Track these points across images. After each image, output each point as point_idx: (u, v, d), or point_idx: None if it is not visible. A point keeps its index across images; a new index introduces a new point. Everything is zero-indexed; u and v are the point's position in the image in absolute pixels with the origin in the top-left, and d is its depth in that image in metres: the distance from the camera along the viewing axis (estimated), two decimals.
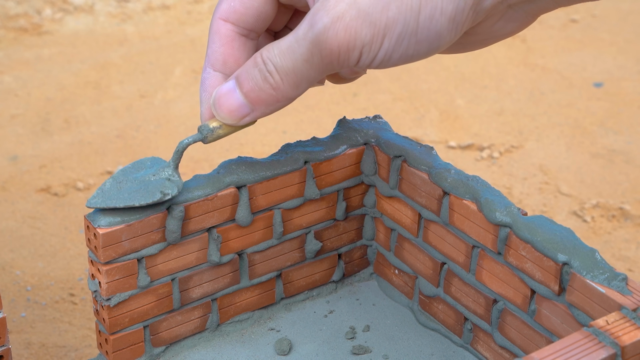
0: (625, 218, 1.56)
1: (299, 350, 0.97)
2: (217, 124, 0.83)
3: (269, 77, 0.77)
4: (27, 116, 1.85)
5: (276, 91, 0.78)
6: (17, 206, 1.57)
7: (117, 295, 0.90)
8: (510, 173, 1.69)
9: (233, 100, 0.80)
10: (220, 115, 0.81)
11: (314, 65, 0.75)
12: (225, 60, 0.83)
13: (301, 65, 0.76)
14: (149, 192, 0.86)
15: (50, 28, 2.23)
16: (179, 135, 1.79)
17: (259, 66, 0.77)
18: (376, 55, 0.74)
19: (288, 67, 0.76)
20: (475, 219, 0.91)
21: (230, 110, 0.80)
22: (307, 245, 1.01)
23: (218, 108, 0.81)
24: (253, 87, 0.78)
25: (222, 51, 0.83)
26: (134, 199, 0.85)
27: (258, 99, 0.79)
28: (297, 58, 0.75)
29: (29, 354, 1.27)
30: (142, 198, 0.85)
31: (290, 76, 0.76)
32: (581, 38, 2.20)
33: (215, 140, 0.83)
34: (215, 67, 0.83)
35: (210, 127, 0.83)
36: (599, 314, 0.80)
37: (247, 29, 0.83)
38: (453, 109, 1.90)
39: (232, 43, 0.83)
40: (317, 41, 0.74)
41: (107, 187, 0.87)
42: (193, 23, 2.29)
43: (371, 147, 1.00)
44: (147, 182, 0.87)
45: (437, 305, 0.99)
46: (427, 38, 0.74)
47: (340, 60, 0.75)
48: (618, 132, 1.82)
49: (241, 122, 0.81)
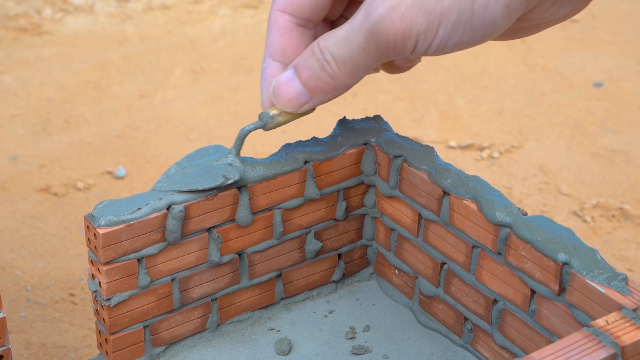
0: (625, 218, 1.56)
1: (299, 350, 0.97)
2: (277, 111, 0.85)
3: (327, 66, 0.79)
4: (27, 116, 1.85)
5: (334, 79, 0.79)
6: (17, 206, 1.57)
7: (117, 295, 0.90)
8: (510, 173, 1.69)
9: (292, 89, 0.82)
10: (279, 104, 0.83)
11: (370, 54, 0.77)
12: (284, 50, 0.85)
13: (358, 54, 0.77)
14: (212, 177, 0.89)
15: (50, 28, 2.23)
16: (179, 135, 1.79)
17: (317, 55, 0.79)
18: (431, 43, 0.75)
19: (345, 56, 0.78)
20: (475, 219, 0.91)
21: (289, 99, 0.82)
22: (307, 245, 1.01)
23: (277, 96, 0.83)
24: (311, 75, 0.80)
25: (280, 41, 0.85)
26: (197, 183, 0.89)
27: (316, 88, 0.81)
28: (353, 47, 0.77)
29: (29, 354, 1.27)
30: (206, 182, 0.89)
31: (347, 65, 0.78)
32: (581, 38, 2.20)
33: (275, 127, 0.85)
34: (274, 57, 0.85)
35: (270, 115, 0.85)
36: (599, 314, 0.80)
37: (304, 19, 0.85)
38: (453, 109, 1.90)
39: (290, 33, 0.85)
40: (374, 30, 0.75)
41: (172, 172, 0.90)
42: (193, 23, 2.29)
43: (371, 147, 1.00)
44: (210, 167, 0.90)
45: (437, 305, 0.99)
46: (482, 25, 0.75)
47: (396, 49, 0.76)
48: (618, 132, 1.82)
49: (300, 110, 0.84)
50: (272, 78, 0.85)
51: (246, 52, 2.14)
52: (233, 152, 0.90)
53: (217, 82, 2.00)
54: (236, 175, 0.90)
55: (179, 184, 0.89)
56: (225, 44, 2.18)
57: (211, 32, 2.24)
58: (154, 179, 1.65)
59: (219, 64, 2.08)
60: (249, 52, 2.14)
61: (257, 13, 2.35)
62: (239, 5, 2.38)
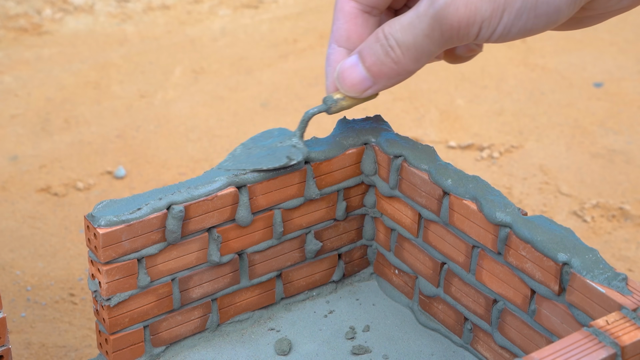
0: (625, 218, 1.56)
1: (299, 350, 0.97)
2: (341, 95, 0.86)
3: (391, 51, 0.80)
4: (27, 116, 1.85)
5: (397, 65, 0.81)
6: (17, 206, 1.57)
7: (117, 295, 0.90)
8: (510, 173, 1.69)
9: (356, 74, 0.83)
10: (343, 88, 0.85)
11: (434, 40, 0.78)
12: (349, 36, 0.86)
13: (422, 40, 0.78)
14: (276, 157, 0.91)
15: (50, 28, 2.23)
16: (179, 135, 1.79)
17: (381, 41, 0.80)
18: (495, 29, 0.76)
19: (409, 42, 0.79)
20: (475, 219, 0.91)
21: (353, 84, 0.84)
22: (307, 245, 1.01)
23: (342, 81, 0.84)
24: (375, 61, 0.81)
25: (345, 27, 0.86)
26: (262, 163, 0.91)
27: (380, 73, 0.82)
28: (417, 33, 0.78)
29: (29, 354, 1.26)
30: (270, 162, 0.91)
31: (411, 51, 0.79)
32: (581, 38, 2.20)
33: (339, 111, 0.87)
34: (339, 43, 0.87)
35: (334, 99, 0.86)
36: (599, 314, 0.80)
37: (369, 5, 0.86)
38: (453, 109, 1.90)
39: (355, 20, 0.86)
40: (438, 17, 0.76)
41: (238, 152, 0.93)
42: (193, 23, 2.29)
43: (371, 147, 1.00)
44: (275, 149, 0.92)
45: (437, 305, 0.99)
46: (546, 12, 0.76)
47: (460, 35, 0.77)
48: (618, 132, 1.82)
49: (363, 95, 0.85)
50: (337, 63, 0.86)
51: (246, 52, 2.14)
52: (297, 135, 0.92)
53: (217, 82, 2.00)
54: (299, 156, 0.92)
55: (244, 163, 0.92)
56: (225, 44, 2.18)
57: (211, 32, 2.24)
58: (154, 179, 1.65)
59: (219, 64, 2.08)
60: (249, 52, 2.14)
61: (257, 13, 2.35)
62: (239, 5, 2.38)
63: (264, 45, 2.18)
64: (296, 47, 2.17)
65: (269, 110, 1.89)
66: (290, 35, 2.23)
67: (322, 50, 2.15)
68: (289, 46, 2.18)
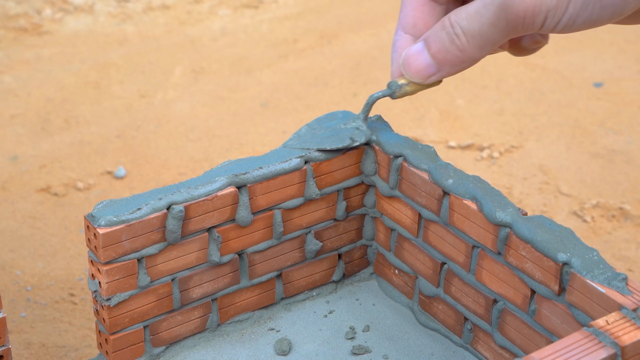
0: (625, 218, 1.56)
1: (299, 350, 0.97)
2: (405, 81, 0.88)
3: (456, 39, 0.81)
4: (27, 116, 1.85)
5: (462, 52, 0.82)
6: (17, 206, 1.57)
7: (117, 295, 0.90)
8: (510, 173, 1.69)
9: (421, 60, 0.84)
10: (408, 74, 0.86)
11: (499, 29, 0.79)
12: (415, 23, 0.87)
13: (487, 28, 0.79)
14: (339, 138, 0.94)
15: (50, 28, 2.23)
16: (179, 135, 1.79)
17: (447, 29, 0.81)
18: (560, 19, 0.77)
19: (474, 30, 0.80)
20: (475, 219, 0.91)
21: (418, 70, 0.85)
22: (307, 245, 1.01)
23: (407, 67, 0.86)
24: (440, 48, 0.82)
25: (412, 15, 0.88)
26: (325, 143, 0.94)
27: (444, 60, 0.83)
28: (483, 22, 0.79)
29: (29, 354, 1.26)
30: (333, 143, 0.95)
31: (476, 39, 0.80)
32: (581, 38, 2.20)
33: (402, 96, 0.88)
34: (405, 30, 0.88)
35: (398, 84, 0.88)
36: (599, 314, 0.80)
37: None
38: (453, 109, 1.90)
39: (422, 7, 0.87)
40: (504, 5, 0.77)
41: (303, 132, 0.97)
42: (193, 23, 2.29)
43: (371, 147, 1.00)
44: (339, 130, 0.95)
45: (437, 305, 0.99)
46: (612, 3, 0.76)
47: (525, 24, 0.77)
48: (618, 132, 1.82)
49: (427, 81, 0.86)
50: (403, 50, 0.88)
51: (246, 52, 2.14)
52: (361, 117, 0.95)
53: (217, 82, 2.00)
54: (362, 138, 0.95)
55: (308, 143, 0.95)
56: (225, 44, 2.18)
57: (211, 32, 2.24)
58: (154, 179, 1.65)
59: (219, 64, 2.08)
60: (249, 52, 2.14)
61: (257, 13, 2.35)
62: (239, 5, 2.38)
63: (264, 45, 2.18)
64: (296, 47, 2.17)
65: (269, 110, 1.89)
66: (290, 35, 2.23)
67: (322, 50, 2.15)
68: (289, 46, 2.18)
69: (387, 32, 2.25)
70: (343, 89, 1.97)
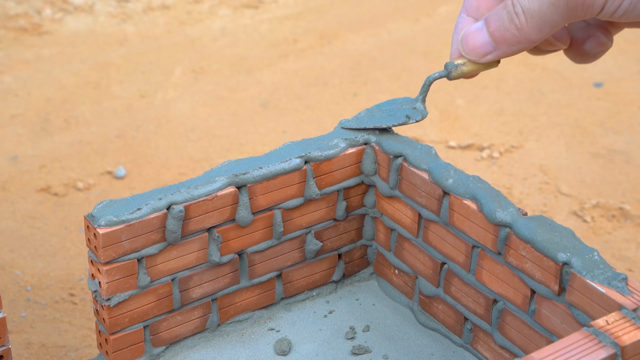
0: (625, 218, 1.56)
1: (299, 350, 0.97)
2: (462, 61, 0.89)
3: (515, 18, 0.82)
4: (27, 116, 1.85)
5: (519, 32, 0.82)
6: (17, 206, 1.57)
7: (117, 295, 0.90)
8: (510, 173, 1.69)
9: (479, 38, 0.86)
10: (464, 51, 0.87)
11: (559, 9, 0.79)
12: (479, 6, 0.88)
13: (547, 8, 0.80)
14: (395, 117, 0.98)
15: (50, 28, 2.23)
16: (179, 135, 1.79)
17: (508, 7, 0.82)
18: (620, 5, 0.77)
19: (534, 10, 0.80)
20: (475, 219, 0.91)
21: (474, 47, 0.86)
22: (307, 245, 1.01)
23: (464, 44, 0.87)
24: (499, 26, 0.83)
25: None
26: (382, 121, 0.98)
27: (502, 38, 0.84)
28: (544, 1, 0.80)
29: (29, 354, 1.26)
30: (390, 121, 0.98)
31: (535, 18, 0.81)
32: None
33: (459, 77, 0.89)
34: (468, 13, 0.89)
35: (455, 64, 0.89)
36: (599, 314, 0.80)
37: None
38: (453, 109, 1.90)
39: None
40: None
41: (362, 115, 1.01)
42: (193, 23, 2.29)
43: (371, 147, 1.00)
44: (396, 111, 0.98)
45: (437, 305, 0.99)
46: None
47: (585, 6, 0.78)
48: (618, 132, 1.82)
49: (483, 60, 0.87)
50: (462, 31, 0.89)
51: (246, 52, 2.14)
52: (419, 99, 0.96)
53: (217, 82, 2.00)
54: (418, 116, 0.96)
55: (366, 123, 0.99)
56: (225, 44, 2.18)
57: (211, 32, 2.24)
58: (154, 179, 1.65)
59: (219, 64, 2.08)
60: (249, 52, 2.14)
61: (257, 13, 2.35)
62: (239, 5, 2.38)
63: (264, 45, 2.18)
64: (296, 47, 2.17)
65: (269, 110, 1.89)
66: (290, 35, 2.23)
67: (322, 50, 2.15)
68: (289, 46, 2.18)
69: (387, 32, 2.25)
70: (343, 89, 1.97)
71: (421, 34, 2.24)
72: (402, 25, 2.29)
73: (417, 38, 2.22)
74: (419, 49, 2.16)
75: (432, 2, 2.41)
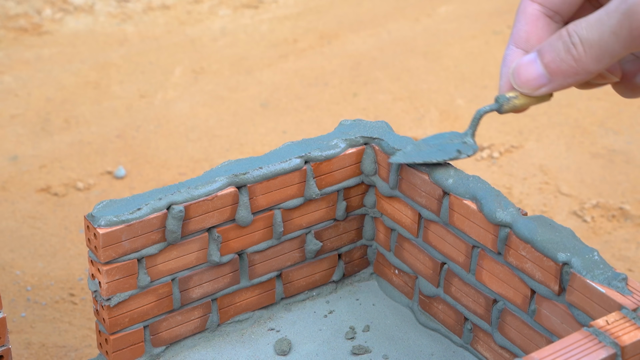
0: (625, 218, 1.56)
1: (299, 350, 0.97)
2: (514, 94, 0.85)
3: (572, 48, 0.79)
4: (27, 116, 1.85)
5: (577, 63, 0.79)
6: (17, 206, 1.57)
7: (117, 295, 0.90)
8: (510, 173, 1.69)
9: (532, 70, 0.82)
10: (517, 84, 0.84)
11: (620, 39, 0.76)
12: (528, 38, 0.85)
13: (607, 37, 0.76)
14: (446, 152, 0.94)
15: (50, 28, 2.23)
16: (179, 135, 1.79)
17: (564, 38, 0.79)
18: None
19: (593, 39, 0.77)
20: (475, 219, 0.91)
21: (528, 79, 0.82)
22: (307, 245, 1.01)
23: (517, 77, 0.83)
24: (554, 57, 0.80)
25: (526, 29, 0.85)
26: (432, 156, 0.95)
27: (558, 70, 0.80)
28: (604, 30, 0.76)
29: (29, 354, 1.26)
30: (440, 156, 0.94)
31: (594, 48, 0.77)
32: None
33: (511, 110, 0.86)
34: (517, 44, 0.86)
35: (506, 97, 0.85)
36: (599, 314, 0.80)
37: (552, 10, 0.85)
38: (453, 109, 1.90)
39: (537, 22, 0.85)
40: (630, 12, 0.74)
41: (409, 150, 0.97)
42: (193, 23, 2.28)
43: (371, 147, 1.00)
44: (445, 145, 0.95)
45: (437, 305, 0.99)
46: None
47: None
48: (618, 132, 1.82)
49: (537, 93, 0.83)
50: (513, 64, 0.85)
51: (246, 52, 2.14)
52: (469, 133, 0.93)
53: (217, 82, 2.00)
54: (469, 152, 0.93)
55: (414, 157, 0.96)
56: (225, 44, 2.18)
57: (211, 32, 2.24)
58: (154, 179, 1.65)
59: (219, 64, 2.08)
60: (249, 52, 2.14)
61: (257, 13, 2.35)
62: (239, 5, 2.38)
63: (264, 45, 2.18)
64: (296, 47, 2.17)
65: (269, 110, 1.89)
66: (290, 35, 2.23)
67: (322, 50, 2.15)
68: (289, 46, 2.18)
69: (387, 32, 2.25)
70: (343, 89, 1.97)
71: (421, 34, 2.24)
72: (402, 25, 2.29)
73: (417, 38, 2.22)
74: (419, 49, 2.16)
75: (432, 2, 2.41)
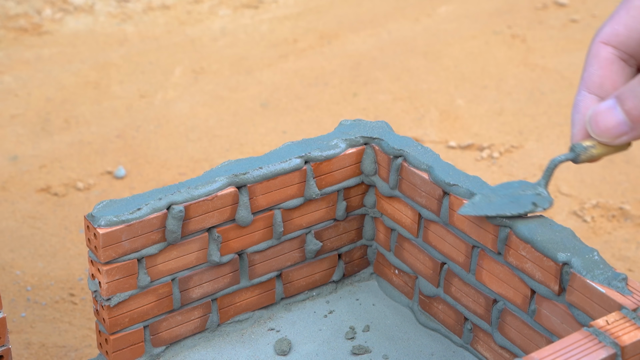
0: (625, 218, 1.56)
1: (299, 350, 0.97)
2: (591, 143, 0.81)
3: None
4: (27, 116, 1.85)
5: None
6: (17, 206, 1.57)
7: (117, 295, 0.90)
8: (510, 173, 1.69)
9: (612, 117, 0.78)
10: (595, 132, 0.80)
11: None
12: (602, 83, 0.81)
13: None
14: (520, 205, 0.88)
15: (50, 28, 2.23)
16: (179, 135, 1.79)
17: None
18: None
19: None
20: (475, 219, 0.91)
21: (607, 128, 0.79)
22: (307, 245, 1.01)
23: (594, 125, 0.79)
24: (637, 104, 0.76)
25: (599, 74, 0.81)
26: (505, 209, 0.89)
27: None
28: None
29: (29, 354, 1.26)
30: (514, 209, 0.88)
31: None
32: (581, 38, 2.20)
33: (588, 160, 0.82)
34: (590, 90, 0.81)
35: (584, 146, 0.81)
36: (599, 314, 0.80)
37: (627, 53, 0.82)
38: (453, 109, 1.90)
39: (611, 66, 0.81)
40: None
41: (477, 200, 0.91)
42: (193, 23, 2.28)
43: (371, 147, 1.00)
44: (518, 196, 0.89)
45: (437, 305, 0.99)
46: None
47: None
48: None
49: (618, 141, 0.79)
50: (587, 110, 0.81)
51: (246, 52, 2.14)
52: (542, 184, 0.89)
53: (217, 82, 2.00)
54: (546, 204, 0.88)
55: (485, 209, 0.90)
56: (225, 44, 2.18)
57: (211, 32, 2.24)
58: (154, 179, 1.65)
59: (219, 64, 2.08)
60: (249, 52, 2.14)
61: (257, 13, 2.35)
62: (239, 5, 2.38)
63: (264, 45, 2.18)
64: (296, 47, 2.17)
65: (269, 110, 1.89)
66: (290, 35, 2.23)
67: (322, 50, 2.15)
68: (289, 46, 2.17)
69: (387, 32, 2.25)
70: (343, 89, 1.97)
71: (421, 34, 2.24)
72: (402, 25, 2.29)
73: (417, 38, 2.22)
74: (419, 49, 2.16)
75: (432, 2, 2.41)
